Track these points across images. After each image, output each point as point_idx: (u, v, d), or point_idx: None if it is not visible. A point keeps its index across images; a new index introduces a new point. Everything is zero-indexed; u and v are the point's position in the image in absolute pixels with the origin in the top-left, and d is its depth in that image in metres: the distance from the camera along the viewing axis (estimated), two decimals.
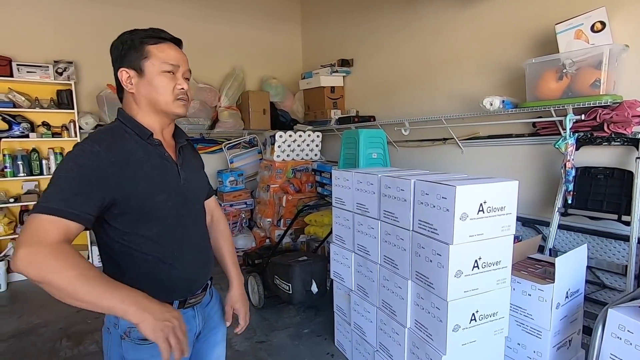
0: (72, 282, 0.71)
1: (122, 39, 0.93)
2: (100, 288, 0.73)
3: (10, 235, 3.30)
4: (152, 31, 0.94)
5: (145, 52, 0.91)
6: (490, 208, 1.38)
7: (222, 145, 4.30)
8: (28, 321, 2.56)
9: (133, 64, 0.92)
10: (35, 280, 0.71)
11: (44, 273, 0.71)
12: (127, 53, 0.92)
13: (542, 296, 1.54)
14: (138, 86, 0.93)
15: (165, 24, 4.11)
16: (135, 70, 0.92)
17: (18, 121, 3.27)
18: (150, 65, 0.92)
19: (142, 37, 0.92)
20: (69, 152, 0.85)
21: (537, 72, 2.12)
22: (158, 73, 0.92)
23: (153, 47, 0.92)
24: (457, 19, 2.80)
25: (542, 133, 2.31)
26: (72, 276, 0.71)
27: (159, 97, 0.93)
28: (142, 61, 0.91)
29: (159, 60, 0.92)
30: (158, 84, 0.92)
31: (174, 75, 0.95)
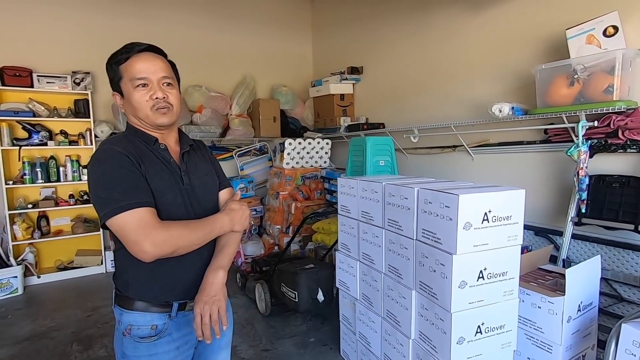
0: (192, 237, 0.93)
1: (107, 65, 0.98)
2: (206, 226, 0.97)
3: (28, 240, 3.40)
4: (123, 49, 0.96)
5: (118, 74, 0.96)
6: (495, 217, 1.34)
7: (232, 152, 4.35)
8: (42, 324, 2.62)
9: (115, 87, 0.98)
10: (169, 253, 0.89)
11: (174, 245, 0.89)
12: (111, 78, 0.98)
13: (552, 309, 1.49)
14: (125, 106, 0.99)
15: (178, 34, 4.24)
16: (119, 92, 0.98)
17: (37, 130, 3.40)
18: (125, 85, 0.96)
19: (114, 60, 0.96)
20: (97, 159, 0.91)
21: (548, 78, 2.07)
22: (132, 89, 0.95)
23: (122, 66, 0.95)
24: (466, 26, 2.78)
25: (554, 140, 2.25)
26: (187, 234, 0.92)
27: (138, 113, 0.97)
28: (119, 83, 0.97)
29: (129, 77, 0.95)
30: (134, 100, 0.95)
31: (147, 87, 0.95)
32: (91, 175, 0.90)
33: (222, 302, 0.96)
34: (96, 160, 0.91)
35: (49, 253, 3.63)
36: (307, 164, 3.88)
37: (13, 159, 3.39)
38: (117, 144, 0.94)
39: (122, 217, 0.84)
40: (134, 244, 0.85)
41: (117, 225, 0.85)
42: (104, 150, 0.92)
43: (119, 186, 0.87)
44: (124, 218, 0.84)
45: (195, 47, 4.14)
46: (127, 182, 0.88)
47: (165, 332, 0.98)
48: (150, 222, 0.86)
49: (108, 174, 0.88)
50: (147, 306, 0.97)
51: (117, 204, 0.85)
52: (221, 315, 0.95)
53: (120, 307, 0.99)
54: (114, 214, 0.85)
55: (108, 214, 0.85)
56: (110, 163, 0.89)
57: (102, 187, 0.87)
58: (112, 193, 0.86)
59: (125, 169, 0.89)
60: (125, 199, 0.85)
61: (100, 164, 0.90)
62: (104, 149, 0.93)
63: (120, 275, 1.00)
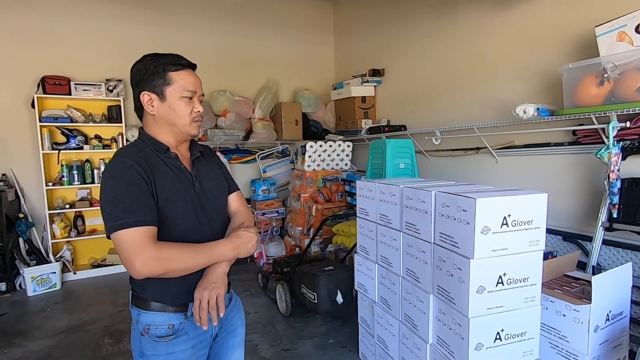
0: (187, 261, 0.94)
1: (145, 63, 1.01)
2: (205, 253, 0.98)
3: (66, 238, 3.62)
4: (173, 58, 1.02)
5: (167, 79, 1.00)
6: (515, 222, 1.31)
7: (255, 155, 4.45)
8: (77, 318, 2.79)
9: (155, 88, 1.00)
10: (160, 274, 0.91)
11: (164, 267, 0.91)
12: (150, 78, 1.00)
13: (578, 317, 1.44)
14: (159, 109, 1.01)
15: (204, 42, 4.37)
16: (157, 94, 1.00)
17: (74, 134, 3.62)
18: (172, 91, 1.00)
19: (164, 64, 1.00)
20: (108, 172, 0.95)
21: (576, 78, 2.00)
22: (178, 98, 1.01)
23: (174, 74, 1.00)
24: (491, 25, 2.72)
25: (583, 142, 2.17)
26: (183, 258, 0.94)
27: (177, 120, 1.02)
28: (165, 87, 1.00)
29: (180, 87, 1.00)
30: (177, 108, 1.01)
31: (191, 100, 1.03)
32: (102, 187, 0.94)
33: (221, 290, 0.99)
34: (107, 173, 0.95)
35: (84, 251, 3.85)
36: (328, 167, 3.91)
37: (53, 162, 3.62)
38: (128, 155, 0.96)
39: (120, 235, 0.88)
40: (126, 261, 0.88)
41: (116, 241, 0.89)
42: (115, 163, 0.95)
43: (121, 203, 0.90)
44: (121, 235, 0.88)
45: (220, 53, 4.27)
46: (130, 199, 0.90)
47: (181, 332, 1.01)
48: (144, 242, 0.88)
49: (114, 189, 0.91)
50: (164, 307, 1.01)
51: (117, 220, 0.88)
52: (219, 302, 0.98)
53: (137, 308, 1.02)
54: (114, 230, 0.88)
55: (110, 229, 0.89)
56: (119, 177, 0.92)
57: (108, 202, 0.91)
58: (114, 209, 0.89)
59: (132, 185, 0.92)
60: (125, 217, 0.88)
61: (110, 178, 0.93)
62: (115, 161, 0.96)
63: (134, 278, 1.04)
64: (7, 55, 3.46)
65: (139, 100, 1.02)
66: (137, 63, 1.03)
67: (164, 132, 1.04)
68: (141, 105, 1.03)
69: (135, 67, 1.03)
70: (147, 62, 1.01)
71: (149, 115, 1.04)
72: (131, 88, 1.05)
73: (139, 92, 1.01)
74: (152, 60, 1.00)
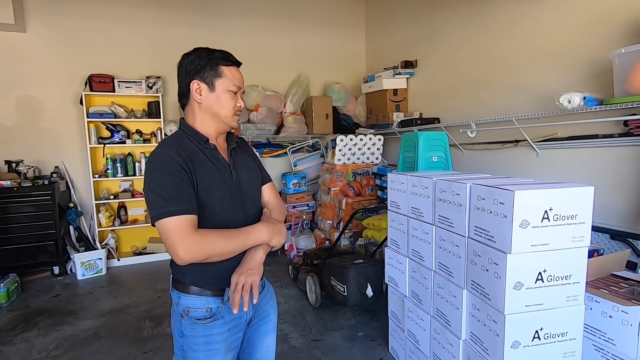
0: (225, 247, 0.99)
1: (199, 55, 1.06)
2: (241, 238, 1.03)
3: (110, 227, 3.86)
4: (224, 54, 1.09)
5: (219, 72, 1.06)
6: (557, 216, 1.25)
7: (286, 149, 4.50)
8: (121, 301, 2.98)
9: (206, 79, 1.06)
10: (201, 260, 0.95)
11: (205, 253, 0.95)
12: (203, 69, 1.05)
13: (626, 319, 1.34)
14: (207, 98, 1.07)
15: (237, 39, 4.47)
16: (207, 84, 1.06)
17: (118, 129, 3.83)
18: (221, 84, 1.07)
19: (217, 58, 1.07)
20: (151, 162, 1.00)
21: (629, 63, 1.85)
22: (225, 91, 1.07)
23: (225, 69, 1.07)
24: (532, 12, 2.57)
25: (636, 133, 2.01)
26: (222, 244, 0.98)
27: (222, 111, 1.08)
28: (215, 79, 1.06)
29: (229, 81, 1.07)
30: (224, 100, 1.07)
31: (236, 95, 1.09)
32: (145, 177, 0.99)
33: (257, 277, 1.04)
34: (150, 164, 0.99)
35: (126, 239, 4.09)
36: (358, 160, 3.89)
37: (98, 155, 3.86)
38: (170, 147, 1.01)
39: (164, 222, 0.93)
40: (170, 248, 0.93)
41: (160, 228, 0.94)
42: (158, 154, 1.00)
43: (164, 192, 0.94)
44: (165, 223, 0.93)
45: (251, 50, 4.34)
46: (172, 189, 0.95)
47: (219, 315, 1.06)
48: (186, 230, 0.93)
49: (158, 178, 0.95)
50: (202, 291, 1.06)
51: (161, 209, 0.93)
52: (253, 289, 1.02)
53: (177, 291, 1.08)
54: (158, 218, 0.93)
55: (154, 217, 0.95)
56: (161, 168, 0.96)
57: (152, 191, 0.95)
58: (158, 198, 0.94)
59: (173, 175, 0.96)
60: (168, 206, 0.93)
61: (153, 168, 0.97)
62: (158, 152, 1.00)
63: (176, 263, 1.09)
64: (57, 56, 3.72)
65: (187, 88, 1.07)
66: (190, 54, 1.08)
67: (206, 122, 1.09)
68: (187, 93, 1.08)
69: (189, 57, 1.07)
70: (201, 54, 1.06)
71: (194, 104, 1.08)
72: (178, 77, 1.09)
73: (190, 80, 1.06)
74: (206, 53, 1.07)
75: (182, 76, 1.08)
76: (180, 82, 1.09)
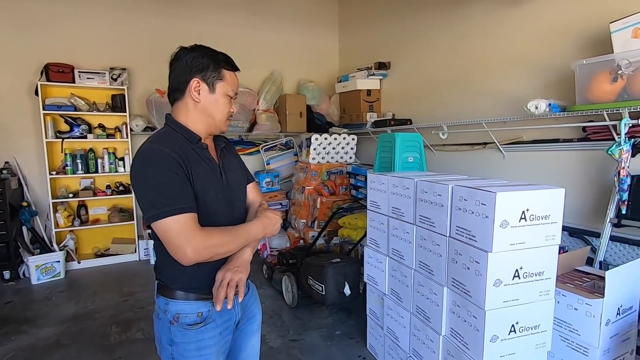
0: (230, 244, 0.98)
1: (203, 53, 1.03)
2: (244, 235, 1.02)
3: (69, 227, 3.61)
4: (227, 58, 1.08)
5: (221, 75, 1.04)
6: (533, 216, 1.33)
7: (259, 147, 4.43)
8: (84, 306, 2.79)
9: (207, 79, 1.02)
10: (207, 259, 0.93)
11: (212, 252, 0.94)
12: (206, 69, 1.02)
13: (589, 311, 1.46)
14: (206, 99, 1.03)
15: (209, 32, 4.34)
16: (208, 85, 1.03)
17: (78, 123, 3.58)
18: (222, 87, 1.04)
19: (220, 61, 1.05)
20: (145, 159, 0.94)
21: (589, 74, 2.00)
22: (224, 95, 1.05)
23: (227, 73, 1.06)
24: (503, 19, 2.71)
25: (592, 138, 2.18)
26: (226, 242, 0.97)
27: (217, 114, 1.06)
28: (217, 81, 1.04)
29: (229, 86, 1.06)
30: (221, 103, 1.05)
31: (231, 100, 1.08)
32: (138, 174, 0.93)
33: (244, 274, 1.01)
34: (144, 160, 0.93)
35: (87, 240, 3.84)
36: (332, 160, 3.91)
37: (56, 151, 3.59)
38: (164, 143, 0.96)
39: (167, 222, 0.88)
40: (177, 249, 0.89)
41: (162, 229, 0.89)
42: (152, 150, 0.94)
43: (165, 190, 0.90)
44: (168, 223, 0.88)
45: (224, 43, 4.10)
46: (173, 187, 0.91)
47: (210, 319, 1.03)
48: (193, 229, 0.90)
49: (156, 176, 0.91)
50: (192, 295, 1.02)
51: (162, 208, 0.88)
52: (239, 287, 0.99)
53: (165, 297, 1.03)
54: (159, 218, 0.88)
55: (153, 217, 0.89)
56: (159, 165, 0.92)
57: (150, 189, 0.90)
58: (158, 197, 0.89)
59: (173, 172, 0.92)
60: (170, 204, 0.89)
61: (149, 165, 0.92)
62: (152, 148, 0.95)
63: (165, 269, 1.04)
64: (8, 41, 3.40)
65: (185, 84, 1.02)
66: (193, 50, 1.03)
67: (198, 122, 1.05)
68: (184, 90, 1.03)
69: (192, 53, 1.03)
70: (205, 53, 1.03)
71: (189, 102, 1.03)
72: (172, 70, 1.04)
73: (190, 77, 1.01)
74: (210, 53, 1.04)
75: (179, 71, 1.02)
76: (176, 76, 1.03)
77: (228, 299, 0.98)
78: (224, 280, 0.98)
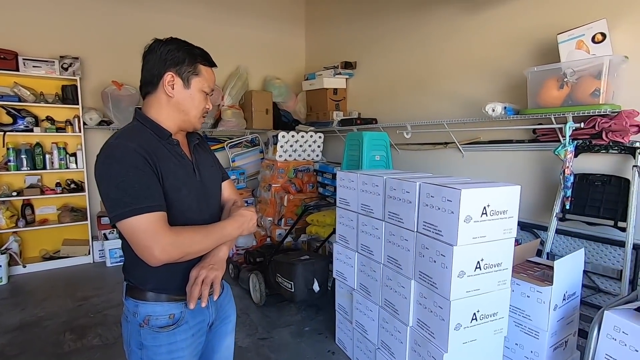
0: (201, 243, 0.95)
1: (179, 47, 0.99)
2: (216, 233, 0.99)
3: (12, 228, 3.31)
4: (204, 52, 1.04)
5: (197, 70, 1.01)
6: (493, 211, 1.42)
7: (224, 144, 4.33)
8: (32, 313, 2.58)
9: (182, 74, 0.99)
10: (177, 259, 0.90)
11: (182, 252, 0.90)
12: (181, 63, 0.98)
13: (540, 298, 1.60)
14: (180, 94, 1.00)
15: (171, 23, 4.16)
16: (182, 80, 0.99)
17: (22, 115, 3.29)
18: (197, 82, 1.01)
19: (196, 55, 1.01)
20: (110, 155, 0.89)
21: (539, 80, 2.17)
22: (199, 90, 1.02)
23: (203, 68, 1.02)
24: (463, 25, 2.86)
25: (542, 139, 2.37)
26: (198, 241, 0.94)
27: (192, 111, 1.02)
28: (192, 76, 1.00)
29: (205, 81, 1.03)
30: (196, 99, 1.02)
31: (207, 96, 1.05)
32: (102, 171, 0.88)
33: (219, 272, 0.99)
34: (108, 156, 0.89)
35: (34, 242, 3.54)
36: (299, 157, 3.91)
37: None
38: (130, 139, 0.92)
39: (132, 221, 0.85)
40: (144, 249, 0.86)
41: (127, 228, 0.86)
42: (116, 146, 0.90)
43: (130, 188, 0.86)
44: (134, 222, 0.85)
45: (186, 35, 3.89)
46: (139, 184, 0.87)
47: (182, 321, 1.00)
48: (160, 228, 0.86)
49: (121, 173, 0.86)
50: (165, 297, 0.99)
51: (127, 207, 0.85)
52: (214, 284, 0.97)
53: (134, 299, 0.99)
54: (124, 217, 0.85)
55: (118, 217, 0.85)
56: (124, 161, 0.87)
57: (114, 188, 0.86)
58: (123, 195, 0.85)
59: (139, 169, 0.88)
60: (136, 203, 0.85)
61: (113, 162, 0.88)
62: (117, 144, 0.90)
63: (134, 269, 0.99)
64: None
65: (158, 78, 0.98)
66: (168, 43, 0.99)
67: (171, 118, 1.01)
68: (157, 83, 0.98)
69: (166, 46, 0.98)
70: (181, 46, 0.99)
71: (162, 96, 0.99)
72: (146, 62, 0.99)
73: (164, 71, 0.97)
74: (186, 47, 1.00)
75: (153, 63, 0.97)
76: (149, 69, 0.98)
77: (202, 297, 0.95)
78: (199, 277, 0.95)
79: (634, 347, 1.24)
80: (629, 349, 1.25)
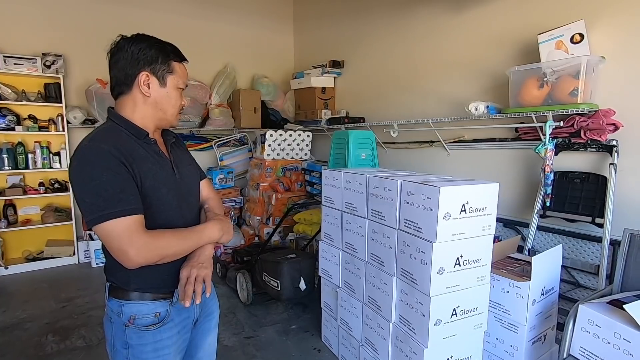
0: (178, 246, 0.95)
1: (150, 44, 0.97)
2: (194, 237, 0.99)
3: None
4: (175, 48, 1.04)
5: (171, 67, 1.00)
6: (472, 208, 1.45)
7: (212, 142, 4.31)
8: (13, 315, 2.54)
9: (157, 73, 0.98)
10: (154, 262, 0.90)
11: (158, 255, 0.90)
12: (154, 61, 0.97)
13: (519, 293, 1.63)
14: (157, 93, 0.99)
15: (157, 20, 4.12)
16: (158, 78, 0.98)
17: (4, 114, 3.23)
18: (172, 80, 1.01)
19: (169, 52, 1.00)
20: (83, 157, 0.88)
21: (520, 80, 2.21)
22: (174, 88, 1.02)
23: (176, 65, 1.02)
24: (447, 25, 2.88)
25: (523, 138, 2.41)
26: (174, 244, 0.94)
27: (169, 109, 1.02)
28: (167, 74, 1.00)
29: (179, 78, 1.03)
30: (173, 97, 1.02)
31: (181, 93, 1.05)
32: (75, 174, 0.87)
33: (209, 270, 1.00)
34: (81, 159, 0.88)
35: (16, 243, 3.48)
36: (287, 156, 3.91)
37: None
38: (104, 140, 0.90)
39: (107, 226, 0.84)
40: (119, 252, 0.85)
41: (102, 232, 0.85)
42: (90, 148, 0.88)
43: (104, 191, 0.84)
44: (108, 227, 0.84)
45: (174, 33, 3.96)
46: (112, 187, 0.85)
47: (168, 319, 1.00)
48: (135, 231, 0.86)
49: (94, 176, 0.85)
50: (149, 296, 0.99)
51: (101, 211, 0.84)
52: (205, 282, 0.99)
53: (118, 299, 0.98)
54: (99, 222, 0.84)
55: (93, 221, 0.85)
56: (96, 164, 0.86)
57: (87, 191, 0.85)
58: (97, 199, 0.84)
59: (112, 171, 0.86)
60: (110, 207, 0.84)
61: (86, 164, 0.86)
62: (90, 146, 0.89)
63: (117, 270, 0.97)
64: None
65: (132, 78, 0.96)
66: (139, 42, 0.97)
67: (148, 117, 1.00)
68: (130, 83, 0.97)
69: (137, 44, 0.96)
70: (152, 44, 0.98)
71: (138, 96, 0.98)
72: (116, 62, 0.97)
73: (138, 71, 0.96)
74: (158, 44, 0.99)
75: (125, 63, 0.96)
76: (121, 69, 0.96)
77: (196, 295, 0.96)
78: (191, 276, 0.96)
79: (606, 340, 1.27)
80: (601, 342, 1.28)
